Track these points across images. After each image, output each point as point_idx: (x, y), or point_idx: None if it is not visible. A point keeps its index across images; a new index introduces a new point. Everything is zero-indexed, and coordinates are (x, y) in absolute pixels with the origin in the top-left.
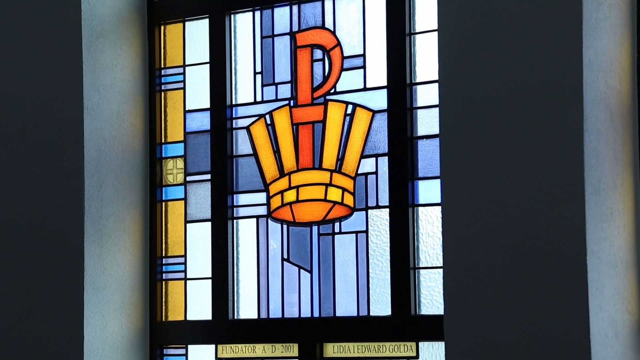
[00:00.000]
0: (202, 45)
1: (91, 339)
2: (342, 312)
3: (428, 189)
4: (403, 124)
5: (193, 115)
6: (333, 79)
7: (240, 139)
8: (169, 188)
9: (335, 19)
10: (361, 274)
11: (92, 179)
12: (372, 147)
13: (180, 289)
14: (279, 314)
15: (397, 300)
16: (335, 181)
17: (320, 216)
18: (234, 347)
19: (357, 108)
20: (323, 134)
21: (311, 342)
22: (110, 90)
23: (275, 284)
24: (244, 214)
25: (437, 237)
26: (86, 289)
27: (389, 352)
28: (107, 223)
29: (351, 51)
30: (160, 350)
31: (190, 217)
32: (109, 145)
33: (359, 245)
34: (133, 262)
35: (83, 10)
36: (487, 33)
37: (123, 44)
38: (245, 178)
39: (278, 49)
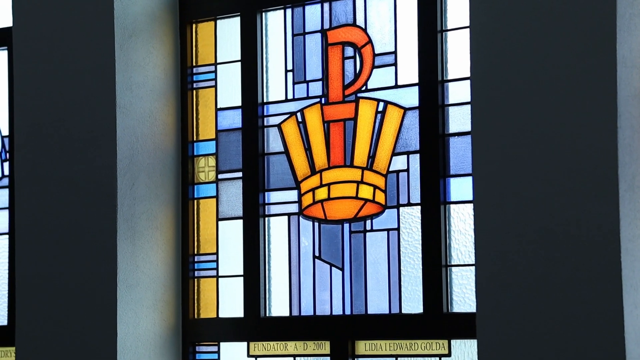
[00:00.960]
0: (233, 43)
1: (124, 336)
2: (373, 309)
3: (460, 187)
4: (435, 121)
5: (224, 113)
6: (364, 77)
7: (272, 136)
8: (201, 186)
9: (367, 16)
10: (393, 272)
11: (125, 177)
12: (403, 145)
13: (212, 287)
14: (310, 312)
15: (429, 298)
16: (366, 179)
17: (351, 214)
18: (266, 344)
19: (388, 105)
20: (354, 132)
21: (343, 340)
22: (142, 88)
23: (306, 281)
24: (276, 212)
25: (469, 234)
26: (119, 287)
27: (420, 350)
28: (140, 221)
29: (382, 48)
30: (193, 347)
31: (222, 215)
32: (141, 143)
33: (391, 242)
34: (165, 259)
35: (115, 9)
36: (519, 29)
37: (155, 43)
38: (276, 176)
39: (309, 46)
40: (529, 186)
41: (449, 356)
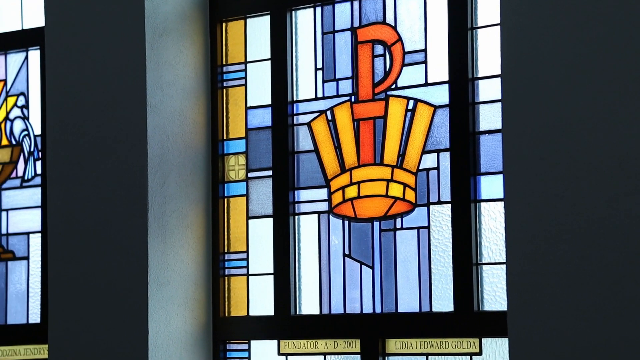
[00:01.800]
0: (263, 41)
1: (155, 334)
2: (404, 308)
3: (490, 184)
4: (465, 119)
5: (254, 112)
6: (394, 75)
7: (302, 135)
8: (231, 184)
9: (396, 14)
10: (423, 270)
11: (156, 176)
12: (433, 143)
13: (243, 285)
14: (340, 310)
15: (460, 296)
16: (396, 177)
17: (381, 212)
18: (296, 342)
19: (418, 103)
20: (384, 130)
21: (373, 338)
22: (172, 87)
23: (337, 279)
24: (306, 210)
25: (499, 232)
26: (150, 285)
27: (451, 348)
28: (171, 219)
29: (412, 46)
30: (223, 345)
31: (252, 213)
32: (171, 142)
33: (421, 241)
34: (196, 258)
35: (146, 8)
36: (550, 26)
37: (185, 42)
38: (306, 174)
39: (339, 44)
40: (560, 184)
41: (480, 355)
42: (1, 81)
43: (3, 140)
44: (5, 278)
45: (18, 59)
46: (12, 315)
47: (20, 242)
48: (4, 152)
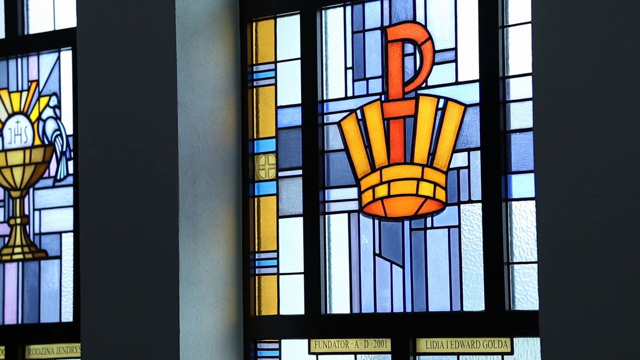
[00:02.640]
0: (293, 41)
1: (187, 333)
2: (434, 307)
3: (522, 183)
4: (496, 117)
5: (284, 111)
6: (424, 73)
7: (332, 134)
8: (261, 184)
9: (427, 12)
10: (454, 269)
11: (186, 175)
12: (464, 141)
13: (273, 284)
14: (371, 309)
15: (491, 296)
16: (427, 176)
17: (412, 211)
18: (327, 341)
19: (448, 102)
20: (414, 129)
21: (404, 337)
22: (203, 87)
23: (367, 279)
24: (336, 209)
25: (531, 231)
26: (181, 284)
27: (482, 348)
28: (201, 218)
29: (443, 45)
30: (254, 344)
31: (282, 213)
32: (202, 141)
33: (452, 240)
34: (226, 257)
35: (177, 8)
36: (582, 24)
37: (216, 41)
38: (336, 173)
39: (369, 43)
40: (591, 182)
41: (512, 354)
42: (34, 82)
43: (36, 140)
44: (38, 277)
45: (50, 60)
46: (45, 314)
47: (53, 242)
48: (36, 152)
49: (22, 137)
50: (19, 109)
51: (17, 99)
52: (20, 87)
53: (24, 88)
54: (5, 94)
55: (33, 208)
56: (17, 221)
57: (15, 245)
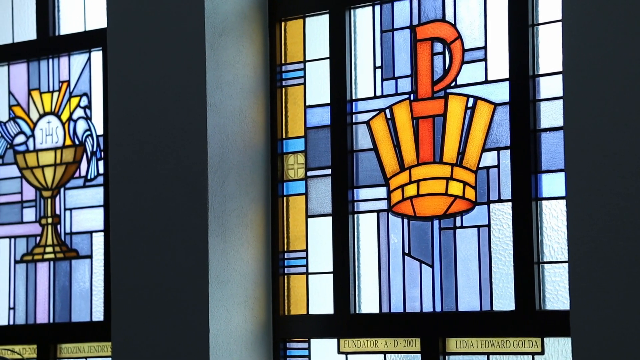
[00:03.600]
0: (322, 40)
1: (216, 332)
2: (464, 307)
3: (552, 182)
4: (526, 116)
5: (313, 111)
6: (454, 72)
7: (361, 133)
8: (290, 183)
9: (456, 11)
10: (483, 269)
11: (216, 175)
12: (493, 140)
13: (302, 283)
14: (400, 309)
15: (521, 295)
16: (456, 175)
17: (441, 210)
18: (356, 341)
19: (478, 101)
20: (444, 128)
21: (434, 337)
22: (232, 86)
23: (396, 278)
24: (365, 209)
25: (561, 231)
26: (211, 283)
27: (513, 348)
28: (230, 218)
29: (472, 44)
30: (283, 344)
31: (311, 212)
32: (231, 141)
33: (481, 239)
34: (256, 256)
35: (206, 8)
36: (613, 22)
37: (245, 41)
38: (365, 172)
39: (398, 42)
40: (622, 181)
41: (542, 354)
42: (65, 82)
43: (67, 140)
44: (69, 276)
45: (81, 60)
46: (76, 313)
47: (84, 241)
48: (67, 152)
49: (53, 138)
50: (50, 110)
51: (48, 100)
52: (52, 87)
53: (55, 89)
54: (36, 94)
55: (64, 208)
56: (49, 221)
57: (46, 245)
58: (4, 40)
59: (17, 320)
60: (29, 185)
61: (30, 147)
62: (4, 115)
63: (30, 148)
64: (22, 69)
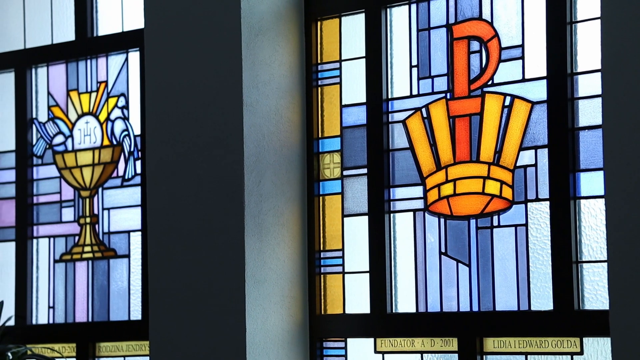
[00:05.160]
0: (358, 39)
1: (253, 331)
2: (502, 306)
3: (590, 181)
4: (564, 114)
5: (349, 110)
6: (490, 71)
7: (397, 132)
8: (326, 182)
9: (493, 9)
10: (521, 268)
11: (252, 174)
12: (531, 139)
13: (339, 283)
14: (437, 308)
15: (560, 295)
16: (493, 174)
17: (478, 209)
18: (393, 340)
19: (515, 99)
20: (480, 127)
21: (471, 337)
22: (268, 86)
23: (433, 278)
24: (401, 208)
25: (600, 230)
26: (247, 283)
27: (551, 348)
28: (267, 217)
29: (509, 42)
30: (320, 343)
31: (348, 211)
32: (267, 140)
33: (519, 238)
34: (292, 255)
35: (242, 8)
36: None
37: (281, 41)
38: (401, 172)
39: (434, 41)
40: None
41: (582, 354)
42: (103, 83)
43: (104, 140)
44: (108, 276)
45: (119, 61)
46: (114, 312)
47: (122, 241)
48: (105, 152)
49: (91, 138)
50: (89, 110)
51: (86, 100)
52: (90, 88)
53: (93, 89)
54: (75, 95)
55: (102, 207)
56: (87, 220)
57: (85, 245)
58: (43, 42)
59: (56, 319)
60: (68, 185)
61: (68, 147)
62: (43, 116)
63: (69, 148)
64: (60, 70)
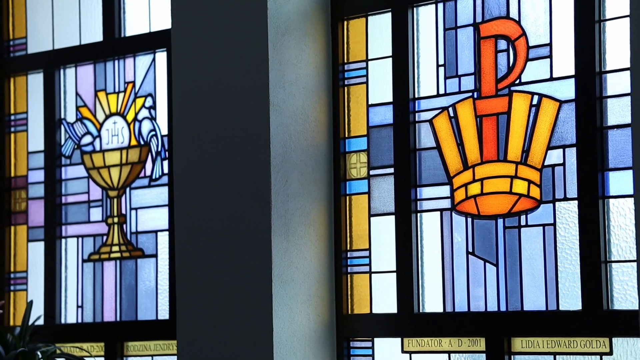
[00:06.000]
0: (384, 39)
1: (280, 331)
2: (529, 306)
3: (619, 180)
4: (592, 113)
5: (376, 109)
6: (518, 70)
7: (423, 132)
8: (353, 182)
9: (520, 8)
10: (549, 268)
11: (279, 174)
12: (559, 138)
13: (366, 282)
14: (464, 308)
15: (588, 295)
16: (520, 173)
17: (505, 209)
18: (420, 340)
19: (543, 98)
20: (508, 126)
21: (498, 336)
22: (295, 86)
23: (460, 277)
24: (428, 207)
25: (629, 229)
26: (274, 282)
27: (580, 348)
28: (293, 217)
29: (537, 40)
30: (347, 343)
31: (374, 211)
32: (294, 140)
33: (547, 238)
34: (319, 255)
35: (269, 8)
36: None
37: (307, 40)
38: (428, 171)
39: (461, 40)
40: None
41: (611, 354)
42: (130, 83)
43: (132, 140)
44: (135, 275)
45: (146, 61)
46: (142, 311)
47: (149, 240)
48: (132, 152)
49: (119, 138)
50: (116, 110)
51: (114, 100)
52: (117, 88)
53: (121, 89)
54: (103, 95)
55: (130, 207)
56: (115, 220)
57: (113, 244)
58: (71, 43)
59: (85, 319)
60: (96, 185)
61: (96, 147)
62: (71, 116)
63: (97, 148)
64: (88, 71)
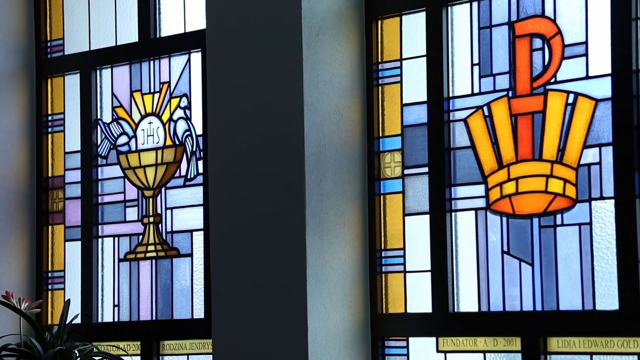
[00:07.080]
0: (419, 38)
1: (315, 330)
2: (565, 306)
3: None
4: (629, 112)
5: (410, 109)
6: (553, 68)
7: (458, 131)
8: (387, 181)
9: (556, 6)
10: (585, 267)
11: (313, 174)
12: (595, 137)
13: (400, 282)
14: (500, 308)
15: (626, 294)
16: (556, 172)
17: (540, 208)
18: (455, 340)
19: (579, 97)
20: (543, 125)
21: (534, 336)
22: (329, 85)
23: (495, 277)
24: (462, 207)
25: None
26: (309, 282)
27: (617, 348)
28: (328, 216)
29: (572, 39)
30: (382, 342)
31: (409, 210)
32: (328, 140)
33: (583, 237)
34: (353, 255)
35: (303, 8)
36: None
37: (341, 40)
38: (463, 170)
39: (496, 39)
40: None
41: None
42: (165, 83)
43: (167, 140)
44: (171, 274)
45: (181, 62)
46: (177, 310)
47: (184, 240)
48: (168, 152)
49: (154, 138)
50: (152, 111)
51: (149, 101)
52: (153, 89)
53: (156, 90)
54: (138, 95)
55: (165, 207)
56: (150, 220)
57: (148, 244)
58: (107, 44)
59: (121, 317)
60: (132, 185)
61: (132, 147)
62: (107, 117)
63: (133, 148)
64: (124, 71)
